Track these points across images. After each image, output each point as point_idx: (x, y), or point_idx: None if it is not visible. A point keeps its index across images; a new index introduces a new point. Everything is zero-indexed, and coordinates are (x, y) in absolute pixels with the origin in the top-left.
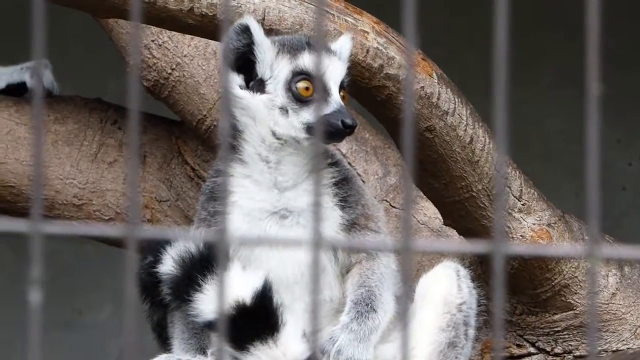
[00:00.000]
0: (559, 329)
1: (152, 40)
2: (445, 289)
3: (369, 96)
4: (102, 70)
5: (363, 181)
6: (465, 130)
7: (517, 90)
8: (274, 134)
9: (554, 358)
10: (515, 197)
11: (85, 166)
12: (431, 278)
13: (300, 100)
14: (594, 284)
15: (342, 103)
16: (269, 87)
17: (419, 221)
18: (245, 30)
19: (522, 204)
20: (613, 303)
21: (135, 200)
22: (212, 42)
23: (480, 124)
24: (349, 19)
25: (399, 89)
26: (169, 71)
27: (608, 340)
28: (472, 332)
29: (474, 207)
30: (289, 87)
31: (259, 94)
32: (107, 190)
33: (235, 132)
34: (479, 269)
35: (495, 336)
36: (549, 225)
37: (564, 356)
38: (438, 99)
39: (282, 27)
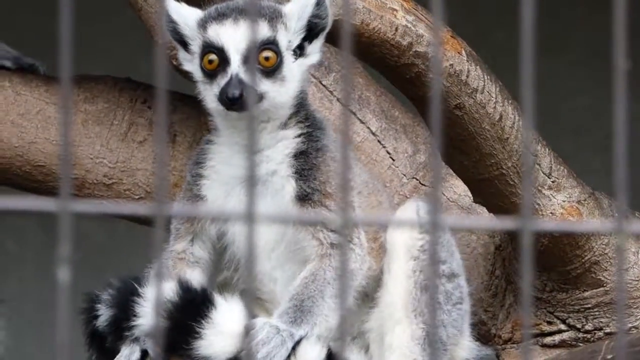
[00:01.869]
0: (589, 305)
1: None
2: (406, 234)
3: (398, 74)
4: (133, 50)
5: (393, 158)
6: (495, 107)
7: (546, 66)
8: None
9: (585, 335)
10: (544, 174)
11: (115, 145)
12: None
13: (208, 73)
14: (623, 260)
15: (237, 73)
16: (194, 61)
17: (448, 199)
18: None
19: (552, 181)
20: None
21: (163, 178)
22: None
23: (510, 101)
24: None
25: (428, 67)
26: None
27: (638, 317)
28: (447, 267)
29: (504, 184)
30: (200, 61)
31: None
32: (137, 169)
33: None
34: (510, 246)
35: (524, 313)
36: (579, 202)
37: (595, 333)
38: (467, 76)
39: None
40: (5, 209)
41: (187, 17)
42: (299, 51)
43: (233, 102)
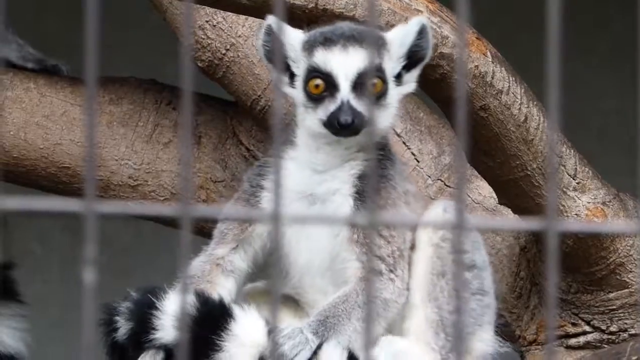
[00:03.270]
0: (614, 307)
1: (207, 21)
2: (431, 229)
3: (423, 75)
4: (158, 52)
5: (418, 159)
6: (520, 109)
7: (572, 68)
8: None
9: (609, 336)
10: (570, 175)
11: (140, 147)
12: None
13: (313, 97)
14: None
15: (347, 99)
16: (296, 83)
17: (473, 200)
18: (271, 31)
19: (577, 183)
20: None
21: (188, 179)
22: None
23: (535, 102)
24: None
25: (453, 68)
26: (223, 52)
27: None
28: (468, 257)
29: (529, 185)
30: (305, 85)
31: (295, 89)
32: (162, 170)
33: (293, 115)
34: (535, 247)
35: (548, 314)
36: (603, 203)
37: (619, 334)
38: (492, 77)
39: (336, 8)
40: (31, 210)
41: (293, 39)
42: (397, 79)
43: (344, 127)
